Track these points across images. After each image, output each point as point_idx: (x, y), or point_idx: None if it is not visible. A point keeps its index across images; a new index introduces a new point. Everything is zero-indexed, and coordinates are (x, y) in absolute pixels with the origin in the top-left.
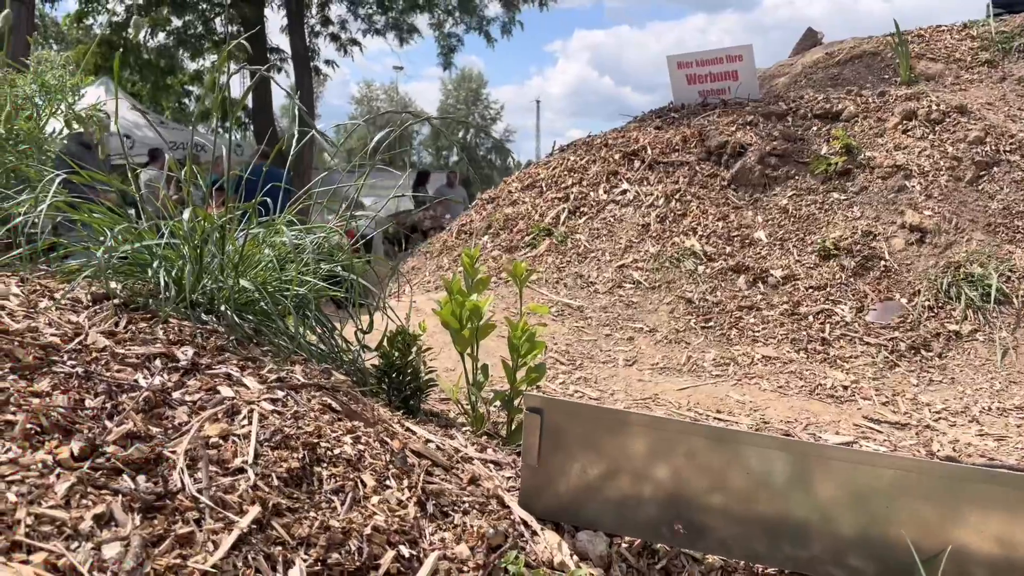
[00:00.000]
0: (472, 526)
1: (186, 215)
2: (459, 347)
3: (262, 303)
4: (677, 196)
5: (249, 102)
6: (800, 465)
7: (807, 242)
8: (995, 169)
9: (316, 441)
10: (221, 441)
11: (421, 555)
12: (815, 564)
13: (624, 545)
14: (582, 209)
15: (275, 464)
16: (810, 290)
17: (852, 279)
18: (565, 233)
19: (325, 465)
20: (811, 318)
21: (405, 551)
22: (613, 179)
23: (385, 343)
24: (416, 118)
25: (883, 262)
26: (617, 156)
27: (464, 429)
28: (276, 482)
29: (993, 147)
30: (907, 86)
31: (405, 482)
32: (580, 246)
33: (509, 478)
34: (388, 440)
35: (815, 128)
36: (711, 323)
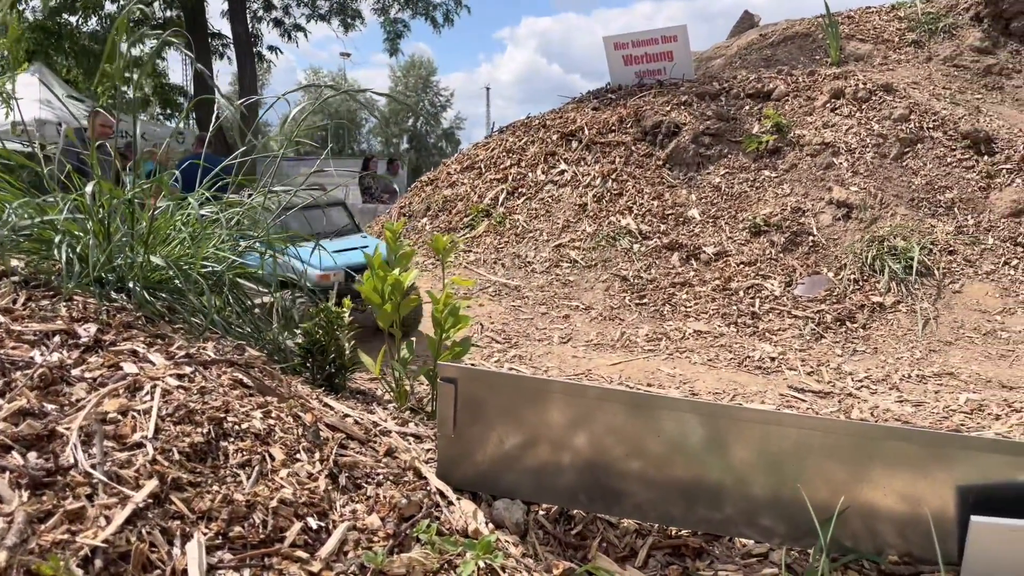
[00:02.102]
0: (385, 497)
1: (89, 188)
2: (382, 322)
3: (176, 280)
4: (613, 176)
5: (191, 90)
6: (714, 428)
7: (739, 219)
8: (919, 146)
9: (223, 416)
10: (120, 417)
11: (330, 526)
12: (728, 525)
13: (541, 512)
14: (520, 190)
15: (177, 439)
16: (741, 266)
17: (781, 254)
18: (503, 214)
19: (232, 439)
20: (741, 293)
21: (313, 523)
22: (551, 160)
23: (308, 321)
24: (367, 94)
25: (811, 237)
26: (555, 137)
27: (389, 404)
28: (178, 456)
29: (917, 124)
30: (836, 66)
31: (317, 455)
32: (518, 226)
33: (429, 450)
34: (301, 414)
35: (747, 107)
36: (645, 300)
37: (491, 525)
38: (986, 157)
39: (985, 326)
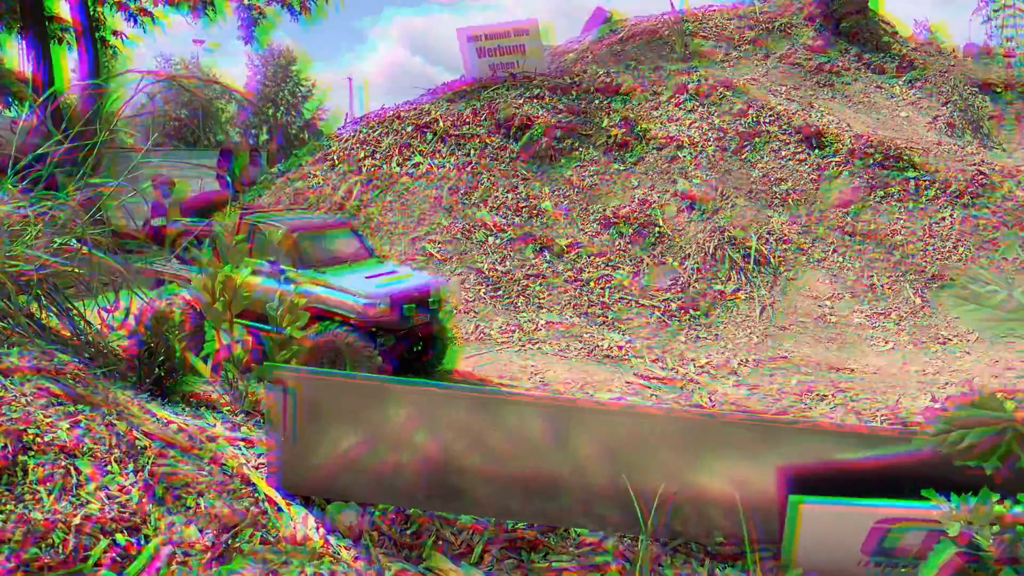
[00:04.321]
0: (207, 508)
1: None
2: (213, 322)
3: None
4: (469, 169)
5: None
6: (554, 423)
7: (590, 212)
8: (756, 140)
9: (23, 428)
10: None
11: (143, 542)
12: (564, 516)
13: (378, 514)
14: (375, 182)
15: None
16: (592, 257)
17: (630, 246)
18: (357, 207)
19: (33, 454)
20: (592, 284)
21: (122, 539)
22: (406, 152)
23: (134, 323)
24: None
25: (658, 229)
26: (410, 129)
27: (226, 409)
28: None
29: (755, 119)
30: (682, 62)
31: (131, 466)
32: (373, 220)
33: (261, 456)
34: (115, 423)
35: (598, 102)
36: (500, 292)
37: (322, 531)
38: (817, 151)
39: (816, 311)
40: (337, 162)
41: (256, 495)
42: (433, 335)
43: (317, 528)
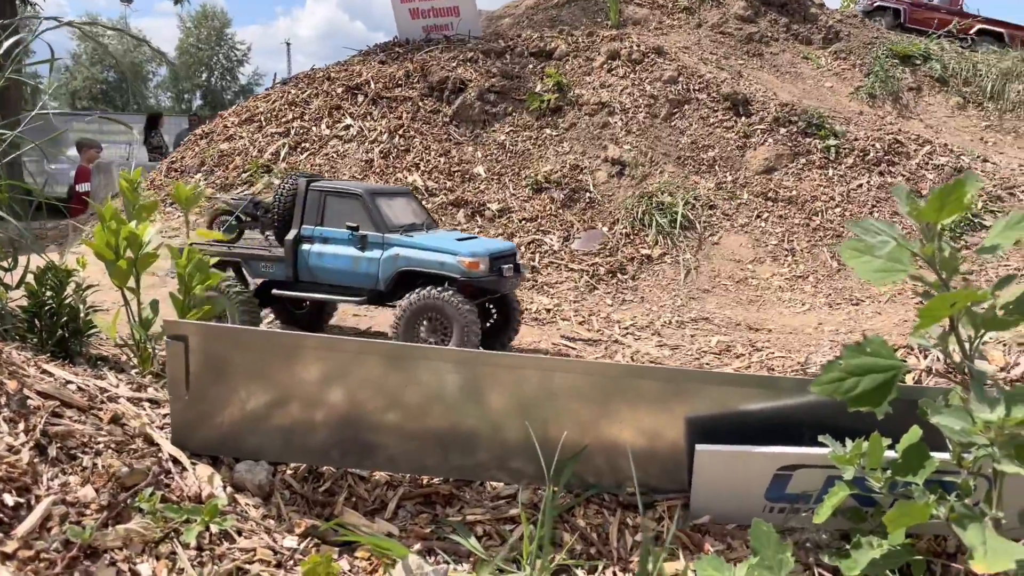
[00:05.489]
0: (104, 467)
1: None
2: (116, 281)
3: None
4: (400, 131)
5: None
6: (470, 377)
7: (522, 176)
8: (686, 107)
9: None
10: None
11: (32, 502)
12: (480, 470)
13: (289, 472)
14: (304, 144)
15: None
16: (523, 221)
17: (561, 210)
18: (285, 170)
19: None
20: (523, 248)
21: (10, 499)
22: (336, 114)
23: (33, 280)
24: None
25: (588, 194)
26: (340, 90)
27: (134, 370)
28: None
29: (685, 87)
30: (615, 28)
31: (21, 426)
32: None
33: (165, 415)
34: (5, 382)
35: (531, 66)
36: None
37: (229, 489)
38: (743, 119)
39: (738, 274)
40: (264, 123)
41: (159, 455)
42: (510, 303)
43: (225, 487)
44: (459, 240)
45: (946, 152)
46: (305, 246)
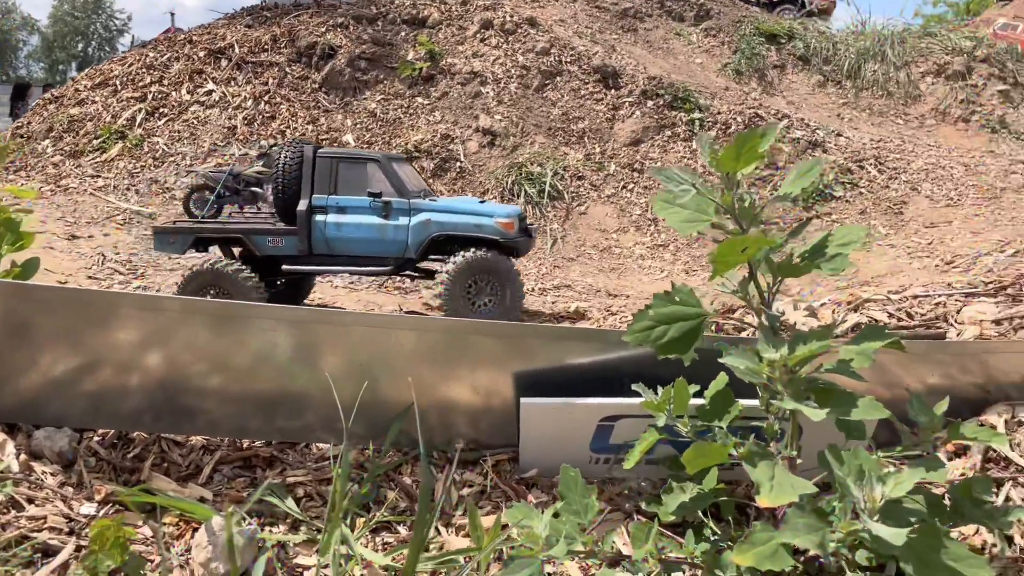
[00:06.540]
0: None
1: None
2: None
3: None
4: (266, 98)
5: None
6: (306, 337)
7: (393, 145)
8: (558, 79)
9: None
10: None
11: None
12: (306, 432)
13: (96, 439)
14: (162, 110)
15: None
16: None
17: (432, 179)
18: (141, 136)
19: None
20: None
21: None
22: (198, 78)
23: None
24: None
25: (459, 163)
26: (202, 54)
27: None
28: None
29: (557, 58)
30: None
31: None
32: (158, 150)
33: None
34: None
35: (403, 33)
36: None
37: (24, 457)
38: (613, 91)
39: (603, 243)
40: (120, 88)
41: None
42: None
43: (19, 455)
44: (481, 203)
45: (803, 126)
46: (319, 216)
